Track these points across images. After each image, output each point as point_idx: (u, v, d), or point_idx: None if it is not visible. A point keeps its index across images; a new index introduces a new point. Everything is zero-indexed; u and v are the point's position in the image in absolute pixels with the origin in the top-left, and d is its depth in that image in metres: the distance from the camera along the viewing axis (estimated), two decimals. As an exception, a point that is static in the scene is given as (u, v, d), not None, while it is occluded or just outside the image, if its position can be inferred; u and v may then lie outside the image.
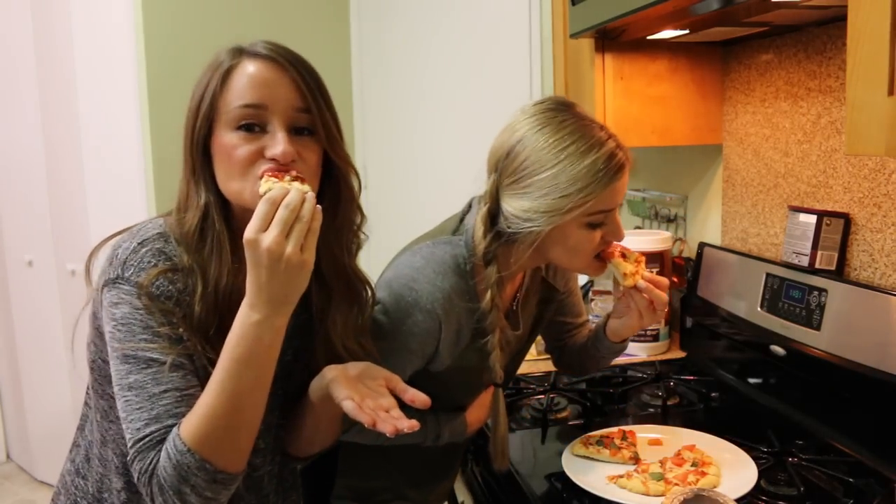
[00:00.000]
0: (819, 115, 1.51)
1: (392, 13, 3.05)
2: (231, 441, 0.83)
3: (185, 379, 0.87)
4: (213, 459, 0.81)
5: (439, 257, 1.17)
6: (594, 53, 1.77)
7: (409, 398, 0.91)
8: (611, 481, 1.18)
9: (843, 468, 1.22)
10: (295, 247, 0.80)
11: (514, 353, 1.36)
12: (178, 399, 0.85)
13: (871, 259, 1.40)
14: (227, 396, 0.82)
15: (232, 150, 0.89)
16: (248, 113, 0.89)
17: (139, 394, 0.85)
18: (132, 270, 0.88)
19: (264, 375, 0.84)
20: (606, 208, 1.12)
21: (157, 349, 0.86)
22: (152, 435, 0.83)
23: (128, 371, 0.86)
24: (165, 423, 0.84)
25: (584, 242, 1.14)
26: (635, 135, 1.83)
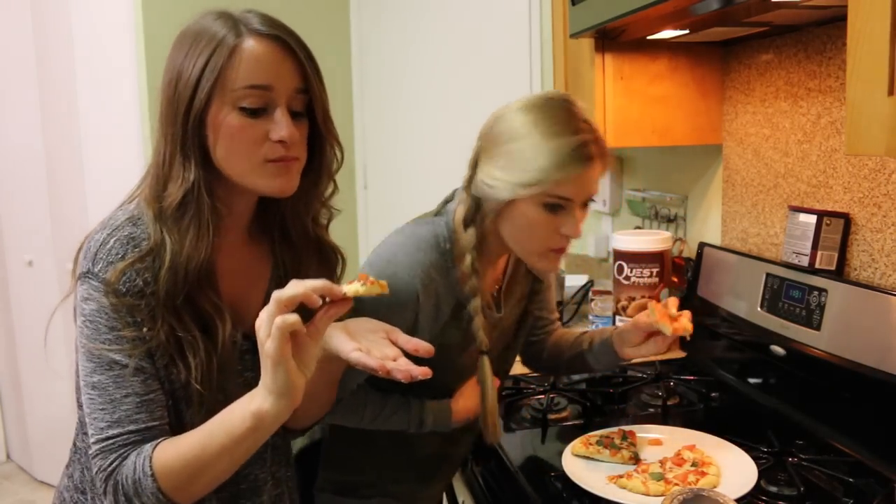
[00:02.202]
0: (819, 115, 1.51)
1: (392, 13, 3.05)
2: (192, 485, 0.87)
3: (146, 384, 0.89)
4: (171, 493, 0.85)
5: (420, 234, 1.20)
6: (594, 53, 1.77)
7: (413, 347, 0.92)
8: (611, 481, 1.18)
9: (843, 468, 1.22)
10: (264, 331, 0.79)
11: (503, 347, 1.36)
12: (137, 405, 0.88)
13: (871, 259, 1.40)
14: (199, 449, 0.85)
15: (237, 132, 0.89)
16: (254, 94, 0.89)
17: (102, 395, 0.88)
18: (101, 265, 0.89)
19: (237, 449, 0.85)
20: (566, 195, 1.12)
21: (121, 351, 0.88)
22: (114, 439, 0.87)
23: (92, 370, 0.89)
24: (127, 429, 0.88)
25: (539, 225, 1.14)
26: (635, 135, 1.83)
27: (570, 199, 1.13)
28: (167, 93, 0.91)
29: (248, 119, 0.89)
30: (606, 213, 2.46)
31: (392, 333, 0.95)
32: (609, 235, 2.43)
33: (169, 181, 0.91)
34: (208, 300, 0.92)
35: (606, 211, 2.43)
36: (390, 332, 0.95)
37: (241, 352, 0.98)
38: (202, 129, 0.90)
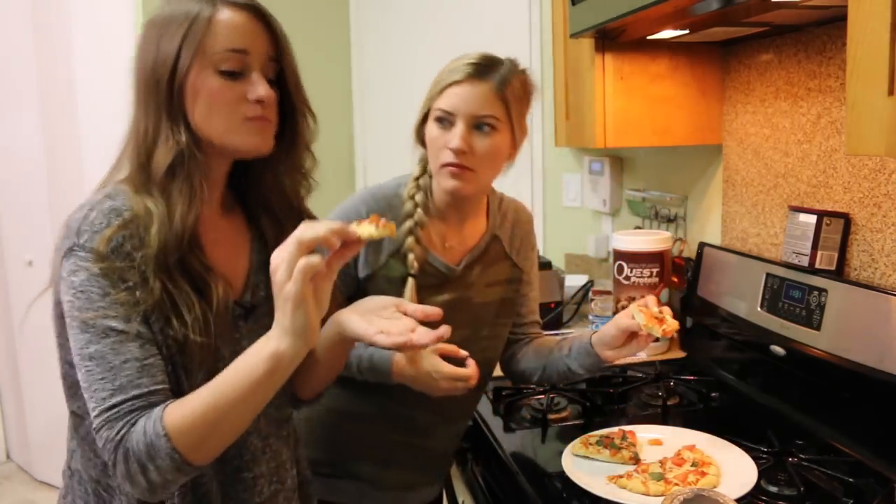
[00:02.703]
0: (819, 115, 1.51)
1: (392, 13, 3.05)
2: (207, 442, 0.86)
3: (144, 348, 0.89)
4: (185, 452, 0.84)
5: (387, 182, 1.36)
6: (594, 53, 1.77)
7: (422, 315, 0.97)
8: (611, 481, 1.18)
9: (843, 468, 1.22)
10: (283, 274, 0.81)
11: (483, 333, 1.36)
12: (138, 370, 0.87)
13: (871, 259, 1.40)
14: (215, 401, 0.84)
15: (217, 94, 0.93)
16: (233, 57, 0.93)
17: (100, 364, 0.87)
18: (86, 236, 0.89)
19: (254, 396, 0.85)
20: (445, 108, 1.22)
21: (116, 317, 0.87)
22: (119, 406, 0.86)
23: (87, 341, 0.87)
24: (131, 394, 0.86)
25: (434, 141, 1.25)
26: (635, 135, 1.83)
27: (450, 111, 1.22)
28: (144, 73, 0.94)
29: (227, 81, 0.93)
30: (606, 213, 2.46)
31: (401, 306, 0.99)
32: (609, 235, 2.43)
33: (155, 149, 0.94)
34: (199, 262, 0.94)
35: (606, 211, 2.43)
36: (398, 304, 0.99)
37: (235, 317, 1.00)
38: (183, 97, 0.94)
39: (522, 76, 1.27)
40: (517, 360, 1.46)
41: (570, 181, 2.61)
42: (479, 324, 1.35)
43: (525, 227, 1.44)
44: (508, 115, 1.24)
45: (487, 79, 1.22)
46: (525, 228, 1.44)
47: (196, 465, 0.86)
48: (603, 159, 2.40)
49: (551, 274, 2.15)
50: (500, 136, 1.24)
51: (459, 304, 1.33)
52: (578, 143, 2.05)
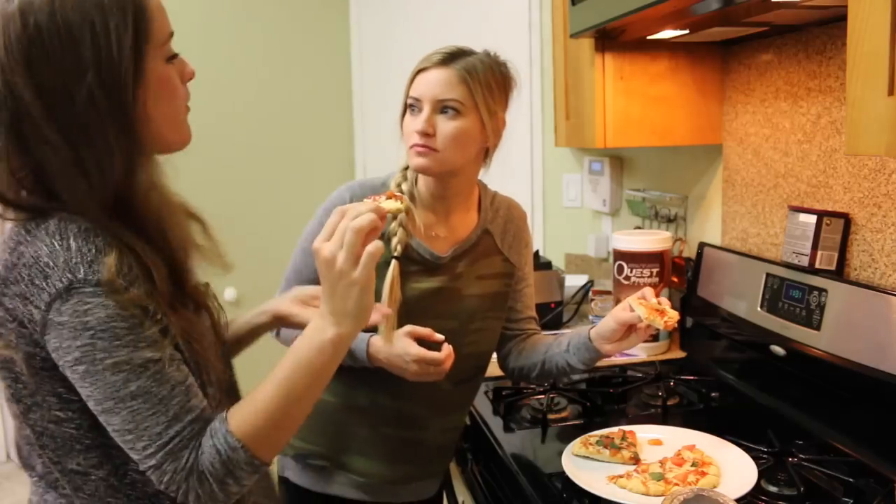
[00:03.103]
0: (819, 115, 1.51)
1: (392, 13, 3.05)
2: (277, 437, 0.88)
3: (181, 370, 0.85)
4: (260, 453, 0.86)
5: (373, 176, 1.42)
6: (594, 53, 1.78)
7: None
8: (611, 481, 1.18)
9: (843, 468, 1.22)
10: (346, 261, 0.84)
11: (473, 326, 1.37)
12: (185, 393, 0.84)
13: (871, 259, 1.40)
14: (282, 397, 0.86)
15: (171, 81, 0.87)
16: (168, 42, 0.87)
17: (147, 399, 0.81)
18: (82, 269, 0.79)
19: (319, 383, 0.88)
20: (412, 95, 1.29)
21: (148, 347, 0.82)
22: (180, 435, 0.83)
23: (125, 381, 0.81)
24: (186, 420, 0.83)
25: (405, 126, 1.32)
26: (635, 135, 1.83)
27: (417, 98, 1.28)
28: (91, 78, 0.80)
29: (171, 66, 0.88)
30: (606, 213, 2.46)
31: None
32: (609, 235, 2.43)
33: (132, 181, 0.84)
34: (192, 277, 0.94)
35: (606, 211, 2.44)
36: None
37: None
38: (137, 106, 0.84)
39: (495, 66, 1.30)
40: (514, 357, 1.46)
41: (570, 181, 2.61)
42: (469, 316, 1.36)
43: (518, 224, 1.45)
44: (473, 100, 1.26)
45: (452, 65, 1.27)
46: (518, 224, 1.45)
47: (270, 462, 0.88)
48: (603, 159, 2.40)
49: (551, 274, 2.15)
50: (466, 120, 1.27)
51: (447, 295, 1.35)
52: (578, 143, 2.05)
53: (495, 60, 1.31)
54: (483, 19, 2.72)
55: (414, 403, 1.37)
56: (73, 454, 0.87)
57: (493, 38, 1.56)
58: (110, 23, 0.80)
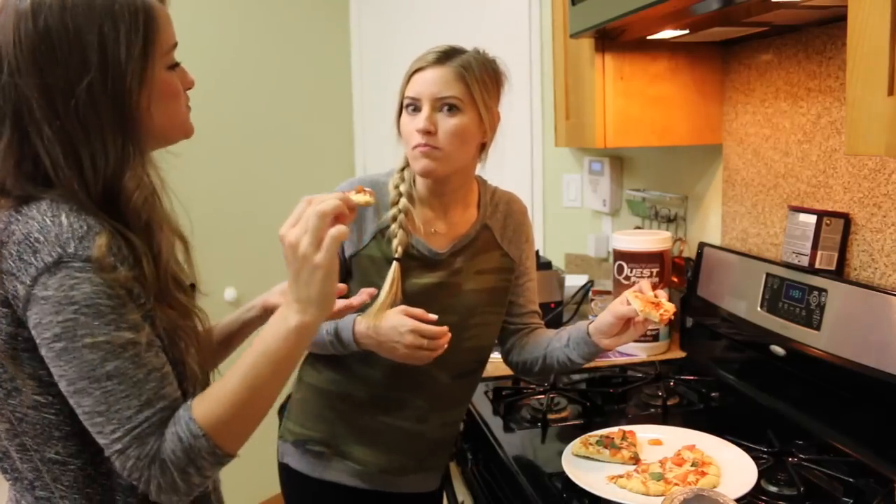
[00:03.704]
0: (819, 115, 1.51)
1: (392, 13, 3.05)
2: (241, 427, 0.86)
3: (159, 357, 0.86)
4: (224, 444, 0.84)
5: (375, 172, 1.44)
6: (594, 53, 1.78)
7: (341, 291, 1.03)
8: (611, 481, 1.18)
9: (843, 468, 1.22)
10: (309, 245, 0.83)
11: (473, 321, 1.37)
12: (160, 380, 0.84)
13: (871, 259, 1.40)
14: (246, 387, 0.85)
15: (174, 87, 0.91)
16: (172, 52, 0.91)
17: (122, 381, 0.81)
18: (72, 244, 0.80)
19: (283, 371, 0.87)
20: (410, 94, 1.30)
21: (130, 328, 0.82)
22: (149, 420, 0.82)
23: (102, 360, 0.81)
24: (158, 406, 0.83)
25: (404, 127, 1.32)
26: (635, 135, 1.83)
27: (416, 97, 1.29)
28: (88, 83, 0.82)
29: (173, 73, 0.91)
30: (606, 213, 2.46)
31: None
32: (609, 235, 2.43)
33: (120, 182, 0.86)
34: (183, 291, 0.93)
35: (606, 211, 2.44)
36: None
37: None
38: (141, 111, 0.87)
39: (488, 62, 1.32)
40: (517, 351, 1.47)
41: (570, 181, 2.61)
42: (470, 311, 1.37)
43: (518, 218, 1.46)
44: (471, 95, 1.29)
45: (448, 63, 1.28)
46: (518, 219, 1.46)
47: (234, 454, 0.87)
48: (603, 159, 2.40)
49: (551, 274, 2.15)
50: (466, 117, 1.29)
51: (447, 290, 1.36)
52: (578, 143, 2.05)
53: (486, 57, 1.33)
54: (483, 19, 2.72)
55: (414, 395, 1.38)
56: (51, 442, 0.87)
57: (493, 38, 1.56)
58: (120, 28, 0.83)
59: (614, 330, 1.27)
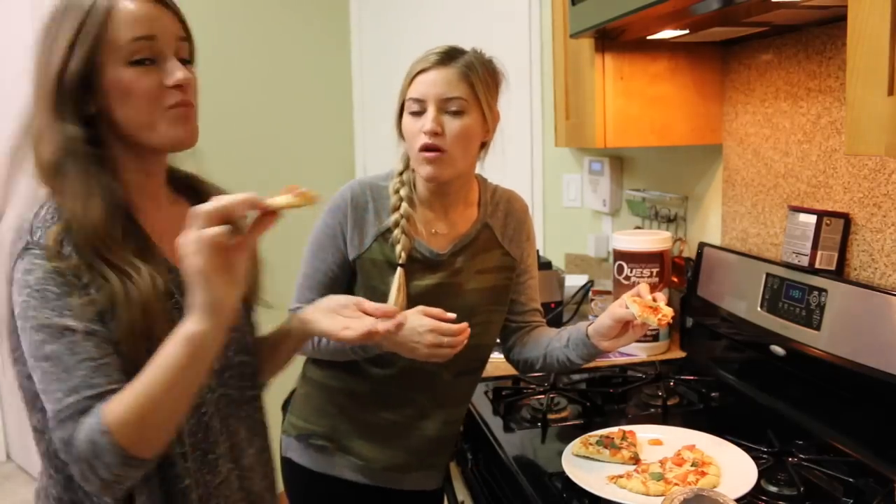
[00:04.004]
0: (819, 115, 1.51)
1: (392, 13, 3.05)
2: (147, 433, 0.84)
3: (100, 347, 0.86)
4: (128, 446, 0.82)
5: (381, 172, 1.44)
6: (594, 53, 1.78)
7: (381, 312, 1.03)
8: (611, 481, 1.18)
9: (843, 468, 1.22)
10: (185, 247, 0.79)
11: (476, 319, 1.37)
12: (93, 369, 0.85)
13: (871, 259, 1.40)
14: (146, 393, 0.83)
15: (133, 85, 0.90)
16: (141, 45, 0.90)
17: (55, 364, 0.85)
18: (38, 233, 0.88)
19: (186, 382, 0.84)
20: (414, 96, 1.30)
21: (72, 315, 0.85)
22: (71, 406, 0.84)
23: (42, 341, 0.85)
24: (83, 395, 0.84)
25: (407, 128, 1.33)
26: (635, 135, 1.83)
27: (420, 98, 1.29)
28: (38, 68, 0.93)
29: (139, 70, 0.90)
30: (606, 213, 2.46)
31: (360, 304, 1.04)
32: (609, 235, 2.43)
33: (40, 144, 0.92)
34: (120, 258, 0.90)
35: (606, 211, 2.43)
36: (358, 303, 1.05)
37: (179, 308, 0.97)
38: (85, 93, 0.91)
39: (487, 62, 1.33)
40: (519, 349, 1.48)
41: (570, 181, 2.61)
42: (472, 310, 1.37)
43: (518, 217, 1.46)
44: (475, 96, 1.30)
45: (452, 64, 1.29)
46: (518, 217, 1.46)
47: (141, 457, 0.84)
48: (603, 159, 2.40)
49: (551, 274, 2.15)
50: (470, 117, 1.30)
51: (449, 290, 1.36)
52: (578, 143, 2.05)
53: (485, 56, 1.34)
54: (483, 19, 2.72)
55: (415, 392, 1.39)
56: (34, 412, 0.93)
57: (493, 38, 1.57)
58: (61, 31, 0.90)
59: (613, 332, 1.27)
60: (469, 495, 1.58)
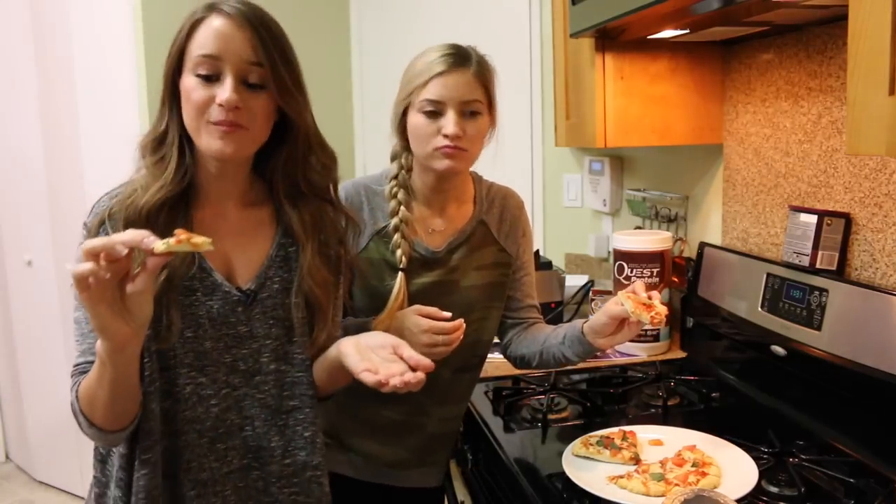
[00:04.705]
0: (820, 115, 1.51)
1: (392, 13, 3.05)
2: (95, 411, 0.95)
3: None
4: (91, 417, 0.95)
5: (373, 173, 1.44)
6: (594, 53, 1.77)
7: (415, 362, 0.99)
8: (611, 481, 1.18)
9: (843, 468, 1.21)
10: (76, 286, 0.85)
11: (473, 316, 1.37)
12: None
13: (871, 259, 1.40)
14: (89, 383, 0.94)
15: (190, 93, 1.00)
16: (205, 61, 0.99)
17: (78, 328, 1.01)
18: (91, 215, 1.02)
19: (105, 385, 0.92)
20: (432, 97, 1.28)
21: None
22: (81, 365, 1.00)
23: (75, 306, 0.99)
24: (88, 359, 0.98)
25: (423, 129, 1.30)
26: (635, 135, 1.82)
27: (441, 101, 1.28)
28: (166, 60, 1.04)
29: (200, 83, 0.99)
30: (606, 213, 2.46)
31: (399, 348, 1.01)
32: (609, 235, 2.43)
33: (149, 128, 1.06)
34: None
35: (606, 211, 2.43)
36: (397, 346, 1.02)
37: (233, 303, 1.05)
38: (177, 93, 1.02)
39: (488, 60, 1.35)
40: (516, 345, 1.48)
41: (570, 181, 2.61)
42: (468, 307, 1.38)
43: (514, 213, 1.46)
44: (489, 97, 1.32)
45: (467, 66, 1.30)
46: (514, 214, 1.46)
47: (101, 427, 0.95)
48: (603, 159, 2.40)
49: (551, 274, 2.15)
50: (484, 118, 1.32)
51: (446, 287, 1.37)
52: (578, 143, 2.05)
53: (482, 53, 1.35)
54: (483, 19, 2.72)
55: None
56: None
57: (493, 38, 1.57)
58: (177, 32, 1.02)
59: (608, 330, 1.27)
60: (469, 495, 1.58)
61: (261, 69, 1.00)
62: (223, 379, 1.05)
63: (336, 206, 1.16)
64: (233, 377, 1.06)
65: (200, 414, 1.04)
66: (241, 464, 1.07)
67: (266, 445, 1.09)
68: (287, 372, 1.10)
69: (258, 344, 1.07)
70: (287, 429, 1.11)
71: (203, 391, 1.04)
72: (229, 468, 1.06)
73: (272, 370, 1.08)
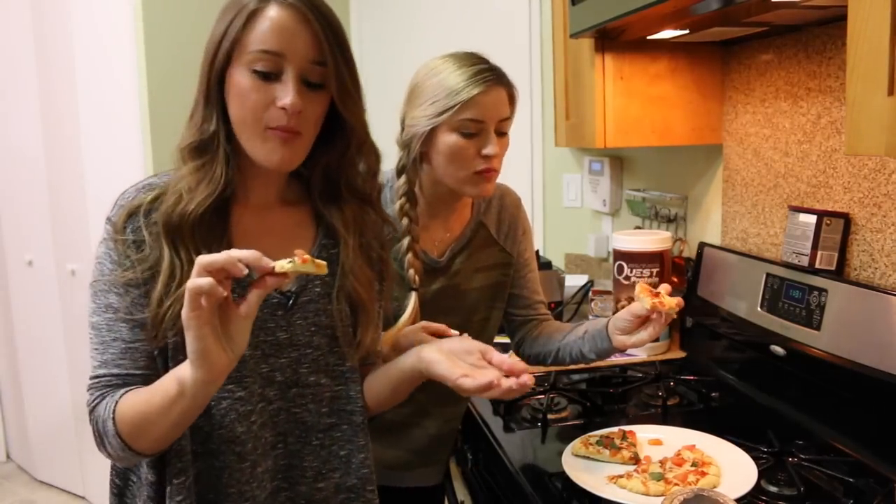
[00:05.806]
0: (819, 115, 1.51)
1: (392, 13, 3.05)
2: (142, 437, 0.88)
3: (133, 332, 0.92)
4: (127, 440, 0.88)
5: None
6: (594, 53, 1.77)
7: (508, 367, 0.95)
8: (611, 481, 1.18)
9: (843, 468, 1.22)
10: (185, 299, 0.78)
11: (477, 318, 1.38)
12: (123, 350, 0.92)
13: (871, 259, 1.40)
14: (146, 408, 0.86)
15: (246, 92, 0.90)
16: (266, 58, 0.90)
17: (96, 335, 0.93)
18: (115, 209, 0.95)
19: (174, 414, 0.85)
20: (474, 117, 1.24)
21: (118, 294, 0.92)
22: (100, 378, 0.92)
23: (93, 310, 0.93)
24: (111, 371, 0.91)
25: (461, 150, 1.25)
26: (635, 135, 1.83)
27: (481, 120, 1.24)
28: (204, 53, 0.94)
29: (258, 81, 0.90)
30: (606, 213, 2.46)
31: (487, 353, 0.98)
32: (609, 235, 2.43)
33: (186, 127, 0.96)
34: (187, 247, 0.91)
35: (606, 211, 2.43)
36: (485, 352, 0.98)
37: (273, 306, 0.98)
38: (222, 85, 0.93)
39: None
40: (530, 344, 1.48)
41: (570, 181, 2.61)
42: (473, 309, 1.39)
43: (512, 211, 1.46)
44: (512, 110, 1.31)
45: (502, 83, 1.27)
46: (512, 212, 1.46)
47: (141, 452, 0.89)
48: (603, 159, 2.40)
49: (551, 274, 2.15)
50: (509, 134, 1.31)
51: (449, 293, 1.37)
52: (578, 143, 2.05)
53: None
54: (483, 19, 2.72)
55: (416, 391, 1.37)
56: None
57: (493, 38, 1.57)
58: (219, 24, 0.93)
59: (630, 327, 1.27)
60: (469, 495, 1.58)
61: (323, 68, 0.92)
62: (259, 392, 0.97)
63: (377, 209, 1.09)
64: (268, 390, 0.98)
65: (241, 434, 0.95)
66: (271, 486, 1.00)
67: (298, 465, 1.02)
68: (326, 386, 1.03)
69: (298, 353, 1.00)
70: (322, 449, 1.03)
71: (242, 407, 0.95)
72: (264, 493, 0.99)
73: (311, 382, 1.01)
